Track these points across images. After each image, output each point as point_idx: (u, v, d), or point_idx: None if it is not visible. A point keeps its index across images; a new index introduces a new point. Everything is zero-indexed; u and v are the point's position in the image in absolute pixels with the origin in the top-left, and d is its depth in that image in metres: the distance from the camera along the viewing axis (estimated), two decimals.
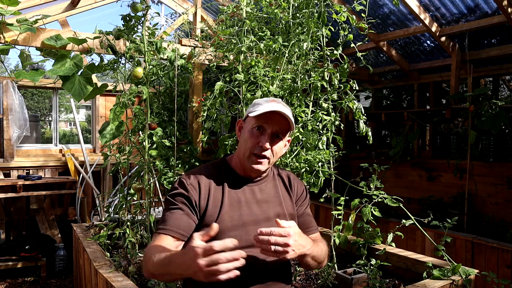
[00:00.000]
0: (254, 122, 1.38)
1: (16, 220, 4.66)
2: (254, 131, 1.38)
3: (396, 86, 5.48)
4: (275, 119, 1.36)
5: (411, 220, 2.58)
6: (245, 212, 1.40)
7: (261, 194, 1.45)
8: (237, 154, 1.46)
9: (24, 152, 4.93)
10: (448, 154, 4.61)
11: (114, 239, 2.95)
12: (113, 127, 2.88)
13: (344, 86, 2.79)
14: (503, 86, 6.98)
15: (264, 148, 1.36)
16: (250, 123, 1.40)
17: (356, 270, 2.62)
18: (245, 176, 1.45)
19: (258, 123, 1.37)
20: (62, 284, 4.16)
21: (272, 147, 1.38)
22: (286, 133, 1.41)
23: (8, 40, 2.82)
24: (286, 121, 1.37)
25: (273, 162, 1.43)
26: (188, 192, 1.35)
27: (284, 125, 1.38)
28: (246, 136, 1.40)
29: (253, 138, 1.37)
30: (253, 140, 1.37)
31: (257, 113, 1.35)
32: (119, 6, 2.92)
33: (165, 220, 1.33)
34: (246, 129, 1.42)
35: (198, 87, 3.52)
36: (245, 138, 1.41)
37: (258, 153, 1.37)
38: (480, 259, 3.50)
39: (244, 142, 1.40)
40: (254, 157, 1.38)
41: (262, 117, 1.36)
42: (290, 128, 1.40)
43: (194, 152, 3.33)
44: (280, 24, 2.94)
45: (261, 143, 1.36)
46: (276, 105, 1.37)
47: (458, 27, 3.93)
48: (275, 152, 1.40)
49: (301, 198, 1.57)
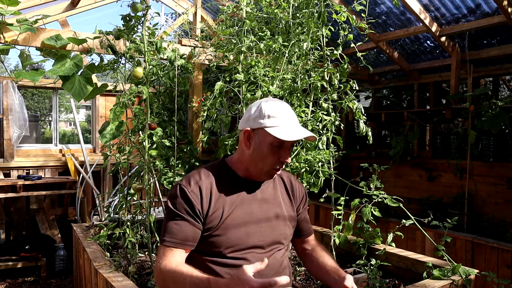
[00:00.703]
0: (274, 139, 1.34)
1: (16, 220, 4.66)
2: (274, 148, 1.35)
3: (396, 86, 5.48)
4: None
5: (411, 220, 2.58)
6: (247, 213, 1.40)
7: (261, 194, 1.45)
8: (246, 163, 1.41)
9: (24, 152, 4.93)
10: (448, 154, 4.61)
11: (114, 239, 2.95)
12: (113, 127, 2.88)
13: (344, 86, 2.79)
14: (503, 86, 6.97)
15: (287, 163, 1.41)
16: (267, 138, 1.35)
17: (356, 270, 2.62)
18: (246, 177, 1.44)
19: (280, 142, 1.34)
20: (62, 284, 4.16)
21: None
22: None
23: (8, 40, 2.82)
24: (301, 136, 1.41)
25: None
26: (191, 201, 1.33)
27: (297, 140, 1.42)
28: (266, 152, 1.36)
29: (274, 154, 1.36)
30: (275, 156, 1.37)
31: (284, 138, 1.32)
32: (119, 6, 2.92)
33: (172, 232, 1.31)
34: (263, 143, 1.36)
35: (198, 87, 3.52)
36: (263, 153, 1.36)
37: (279, 167, 1.40)
38: (480, 259, 3.50)
39: (262, 158, 1.37)
40: (273, 171, 1.40)
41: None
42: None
43: (194, 152, 3.33)
44: (280, 24, 2.93)
45: (282, 159, 1.38)
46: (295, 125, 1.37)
47: (458, 27, 3.93)
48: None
49: (302, 202, 1.58)
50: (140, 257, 3.07)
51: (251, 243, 1.39)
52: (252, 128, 1.38)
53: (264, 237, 1.41)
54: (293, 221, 1.52)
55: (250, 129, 1.38)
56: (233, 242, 1.36)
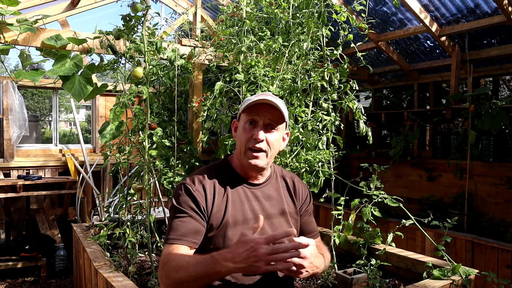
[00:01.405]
0: (245, 117, 1.37)
1: (16, 220, 4.66)
2: (246, 126, 1.36)
3: (396, 86, 5.48)
4: (266, 110, 1.34)
5: (411, 220, 2.58)
6: (248, 212, 1.39)
7: (262, 193, 1.44)
8: (235, 154, 1.44)
9: (24, 152, 4.93)
10: (448, 154, 4.61)
11: (114, 239, 2.95)
12: (113, 127, 2.88)
13: (344, 86, 2.79)
14: (503, 86, 6.97)
15: (258, 139, 1.32)
16: (242, 120, 1.39)
17: (356, 270, 2.62)
18: (246, 177, 1.43)
19: (250, 117, 1.35)
20: (62, 284, 4.16)
21: (267, 139, 1.34)
22: (280, 123, 1.37)
23: (8, 40, 2.82)
24: (277, 111, 1.34)
25: (271, 156, 1.39)
26: (195, 199, 1.33)
27: (276, 115, 1.35)
28: (240, 132, 1.39)
29: (246, 132, 1.35)
30: (246, 134, 1.35)
31: (245, 106, 1.34)
32: (119, 6, 2.92)
33: (177, 229, 1.30)
34: (240, 126, 1.40)
35: (198, 87, 3.52)
36: (239, 135, 1.39)
37: (253, 147, 1.34)
38: (480, 259, 3.50)
39: (239, 140, 1.39)
40: (250, 152, 1.35)
41: (252, 110, 1.34)
42: (283, 119, 1.36)
43: (194, 152, 3.33)
44: (280, 24, 2.93)
45: (254, 135, 1.33)
46: (264, 96, 1.35)
47: (458, 27, 3.93)
48: (271, 144, 1.36)
49: (305, 204, 1.55)
50: (140, 257, 3.07)
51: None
52: (237, 118, 1.45)
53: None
54: (295, 221, 1.50)
55: (236, 120, 1.47)
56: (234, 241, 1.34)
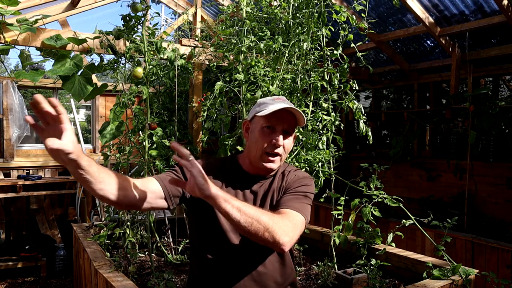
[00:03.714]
0: (263, 121, 1.39)
1: (16, 220, 4.66)
2: (265, 130, 1.38)
3: (396, 86, 5.48)
4: (285, 117, 1.38)
5: (411, 220, 2.58)
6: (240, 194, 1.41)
7: (258, 189, 1.45)
8: (247, 155, 1.46)
9: (24, 152, 4.93)
10: (448, 154, 4.61)
11: (114, 239, 2.95)
12: (113, 127, 2.88)
13: (344, 86, 2.79)
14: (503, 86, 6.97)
15: (278, 145, 1.37)
16: (259, 123, 1.40)
17: (356, 270, 2.62)
18: (251, 173, 1.46)
19: (269, 123, 1.38)
20: (62, 284, 4.16)
21: (284, 144, 1.39)
22: (294, 128, 1.44)
23: (8, 40, 2.82)
24: (293, 117, 1.40)
25: (284, 159, 1.44)
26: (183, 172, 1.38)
27: (292, 122, 1.41)
28: (257, 136, 1.40)
29: (265, 137, 1.38)
30: (265, 139, 1.38)
31: (268, 112, 1.35)
32: (119, 6, 2.92)
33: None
34: (256, 129, 1.41)
35: (198, 87, 3.52)
36: (256, 138, 1.40)
37: (271, 151, 1.38)
38: (480, 259, 3.50)
39: (255, 143, 1.40)
40: (266, 156, 1.38)
41: (272, 116, 1.37)
42: (297, 124, 1.43)
43: (194, 152, 3.33)
44: (280, 24, 2.93)
45: (274, 141, 1.37)
46: (283, 104, 1.39)
47: (458, 27, 3.93)
48: (286, 149, 1.41)
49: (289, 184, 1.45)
50: (140, 257, 3.07)
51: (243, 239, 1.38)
52: (249, 119, 1.47)
53: None
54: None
55: (247, 120, 1.48)
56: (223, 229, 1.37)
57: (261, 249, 1.38)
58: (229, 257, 1.39)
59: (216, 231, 1.38)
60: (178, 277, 2.76)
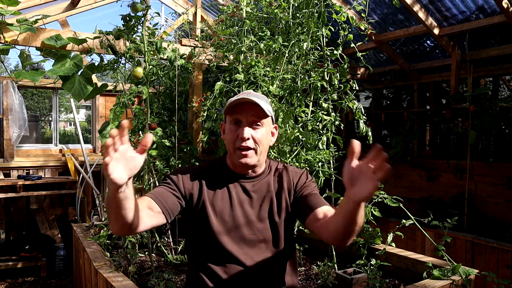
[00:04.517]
0: (229, 118, 1.40)
1: (16, 220, 4.66)
2: (231, 127, 1.38)
3: (396, 86, 5.48)
4: (248, 108, 1.35)
5: (411, 220, 2.58)
6: (237, 211, 1.40)
7: (253, 190, 1.44)
8: (227, 155, 1.47)
9: (24, 152, 4.93)
10: (448, 154, 4.61)
11: (114, 239, 2.95)
12: (113, 127, 2.88)
13: (344, 86, 2.79)
14: (503, 86, 6.96)
15: (244, 138, 1.34)
16: (227, 122, 1.42)
17: (356, 270, 2.62)
18: (238, 172, 1.44)
19: (233, 118, 1.38)
20: (62, 284, 4.16)
21: (254, 136, 1.36)
22: (263, 118, 1.38)
23: (8, 40, 2.82)
24: (259, 108, 1.35)
25: (261, 152, 1.39)
26: (179, 180, 1.39)
27: (258, 111, 1.36)
28: (226, 134, 1.41)
29: (232, 133, 1.38)
30: (232, 134, 1.37)
31: (228, 107, 1.37)
32: (119, 6, 2.92)
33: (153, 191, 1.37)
34: (226, 127, 1.43)
35: (198, 87, 3.52)
36: (227, 136, 1.41)
37: (240, 146, 1.36)
38: (480, 259, 3.50)
39: (227, 141, 1.41)
40: (238, 152, 1.37)
41: (235, 110, 1.37)
42: (266, 114, 1.36)
43: (194, 152, 3.33)
44: (280, 24, 2.93)
45: (240, 135, 1.35)
46: (244, 95, 1.38)
47: (458, 27, 3.92)
48: (258, 141, 1.37)
49: (299, 185, 1.48)
50: (140, 257, 3.07)
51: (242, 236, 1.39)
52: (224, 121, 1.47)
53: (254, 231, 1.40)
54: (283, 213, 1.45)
55: (223, 122, 1.48)
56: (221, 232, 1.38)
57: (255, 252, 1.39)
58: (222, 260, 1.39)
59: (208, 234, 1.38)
60: (178, 277, 2.76)
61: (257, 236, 1.40)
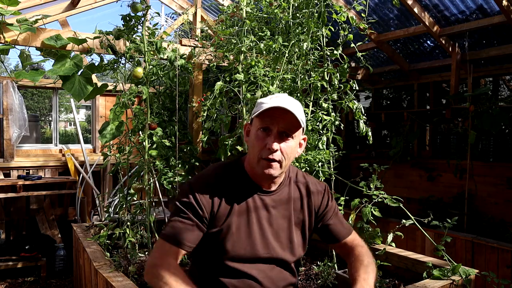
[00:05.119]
0: (258, 123, 1.26)
1: (16, 220, 4.66)
2: (259, 133, 1.26)
3: (396, 86, 5.48)
4: (280, 116, 1.23)
5: (411, 220, 2.58)
6: (254, 222, 1.33)
7: (272, 205, 1.36)
8: (248, 159, 1.35)
9: (24, 152, 4.93)
10: (448, 154, 4.61)
11: (114, 239, 2.95)
12: (113, 127, 2.88)
13: (344, 86, 2.79)
14: (503, 86, 6.97)
15: (272, 149, 1.22)
16: (255, 126, 1.28)
17: None
18: (257, 181, 1.34)
19: (263, 124, 1.25)
20: (62, 284, 4.16)
21: (282, 148, 1.24)
22: (296, 130, 1.27)
23: (8, 40, 2.82)
24: (293, 117, 1.23)
25: (286, 166, 1.29)
26: (199, 202, 1.27)
27: (291, 122, 1.24)
28: (253, 140, 1.28)
29: (259, 141, 1.25)
30: (259, 143, 1.25)
31: (259, 112, 1.23)
32: (119, 6, 2.93)
33: (174, 228, 1.27)
34: (252, 132, 1.30)
35: (198, 87, 3.52)
36: (252, 142, 1.29)
37: (266, 157, 1.24)
38: (480, 259, 3.50)
39: (252, 147, 1.29)
40: (263, 162, 1.25)
41: (265, 116, 1.24)
42: (299, 125, 1.25)
43: (194, 152, 3.33)
44: (280, 24, 2.93)
45: (268, 145, 1.23)
46: (279, 100, 1.24)
47: (458, 27, 3.93)
48: (285, 154, 1.25)
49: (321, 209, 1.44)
50: (140, 257, 3.07)
51: (257, 256, 1.33)
52: (250, 122, 1.34)
53: (269, 250, 1.34)
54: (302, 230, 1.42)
55: (248, 123, 1.35)
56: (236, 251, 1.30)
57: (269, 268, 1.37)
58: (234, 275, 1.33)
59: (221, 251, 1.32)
60: None
61: (272, 255, 1.35)
